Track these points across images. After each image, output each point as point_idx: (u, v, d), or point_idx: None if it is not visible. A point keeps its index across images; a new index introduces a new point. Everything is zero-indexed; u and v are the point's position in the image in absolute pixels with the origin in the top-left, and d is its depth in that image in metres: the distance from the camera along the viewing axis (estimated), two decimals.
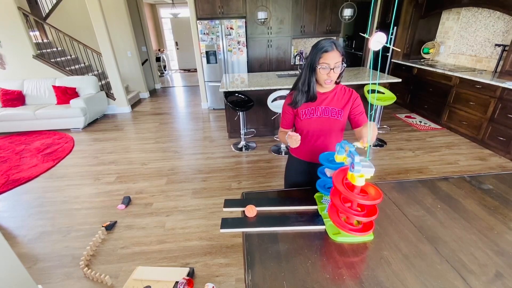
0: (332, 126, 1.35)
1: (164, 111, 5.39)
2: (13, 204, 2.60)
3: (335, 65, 1.18)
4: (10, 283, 1.41)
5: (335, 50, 1.17)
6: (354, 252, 0.99)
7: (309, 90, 1.28)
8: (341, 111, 1.32)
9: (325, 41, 1.18)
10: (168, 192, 2.67)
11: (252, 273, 0.92)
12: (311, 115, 1.33)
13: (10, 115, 4.27)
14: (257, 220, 1.16)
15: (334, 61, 1.18)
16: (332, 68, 1.18)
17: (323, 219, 1.13)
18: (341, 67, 1.21)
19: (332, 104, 1.32)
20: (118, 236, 2.12)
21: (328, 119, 1.33)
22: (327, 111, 1.32)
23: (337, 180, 1.00)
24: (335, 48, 1.17)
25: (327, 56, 1.17)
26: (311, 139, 1.40)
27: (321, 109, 1.32)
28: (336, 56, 1.18)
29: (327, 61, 1.18)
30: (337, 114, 1.32)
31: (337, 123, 1.34)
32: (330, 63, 1.18)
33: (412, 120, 4.27)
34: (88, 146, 3.84)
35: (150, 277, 1.71)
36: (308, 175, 1.49)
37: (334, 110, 1.32)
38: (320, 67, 1.20)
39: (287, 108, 1.38)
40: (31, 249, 2.03)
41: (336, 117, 1.33)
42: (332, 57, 1.17)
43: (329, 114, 1.32)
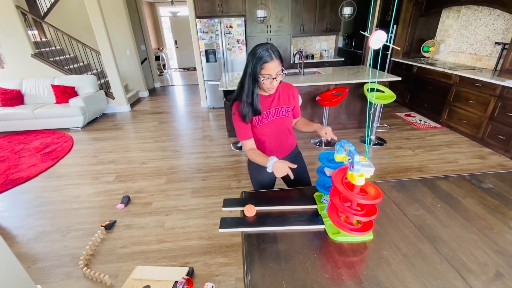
0: (285, 123, 1.40)
1: (164, 110, 5.38)
2: (12, 203, 2.59)
3: (277, 75, 1.18)
4: (9, 283, 1.40)
5: (274, 59, 1.16)
6: (353, 252, 0.99)
7: (252, 102, 1.26)
8: (289, 108, 1.38)
9: (263, 50, 1.15)
10: (168, 192, 2.67)
11: (251, 273, 0.92)
12: (265, 119, 1.34)
13: (8, 114, 4.25)
14: (256, 220, 1.16)
15: (276, 70, 1.17)
16: (275, 78, 1.19)
17: (322, 219, 1.13)
18: (282, 74, 1.22)
19: (280, 104, 1.36)
20: (118, 235, 2.11)
21: (281, 118, 1.37)
22: (278, 112, 1.36)
23: (336, 180, 0.99)
24: (274, 57, 1.16)
25: (268, 67, 1.16)
26: (271, 139, 1.42)
27: (272, 112, 1.35)
28: (276, 65, 1.17)
29: (269, 72, 1.17)
30: (286, 112, 1.37)
31: (289, 120, 1.40)
32: (271, 73, 1.17)
33: (411, 119, 4.26)
34: (87, 146, 3.84)
35: (150, 276, 1.70)
36: None
37: (283, 109, 1.36)
38: (263, 79, 1.19)
39: (240, 122, 1.32)
40: (30, 249, 2.02)
41: (287, 115, 1.38)
42: (273, 67, 1.16)
43: (281, 114, 1.36)
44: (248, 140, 1.37)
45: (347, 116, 3.87)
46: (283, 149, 1.49)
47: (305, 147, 3.46)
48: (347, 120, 3.90)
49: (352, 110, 3.83)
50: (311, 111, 3.78)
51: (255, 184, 1.57)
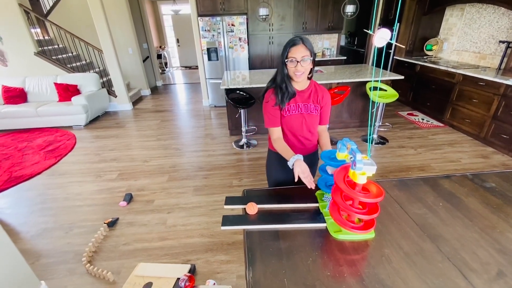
0: (313, 121, 1.42)
1: (166, 109, 5.39)
2: (15, 201, 2.61)
3: (301, 58, 1.23)
4: (13, 279, 1.42)
5: (301, 44, 1.23)
6: (355, 250, 0.99)
7: (287, 87, 1.33)
8: (317, 107, 1.40)
9: (294, 37, 1.25)
10: (170, 189, 2.68)
11: (253, 270, 0.92)
12: (294, 111, 1.38)
13: (12, 112, 4.28)
14: (258, 218, 1.16)
15: (301, 54, 1.23)
16: (299, 61, 1.23)
17: (324, 217, 1.13)
18: (309, 61, 1.26)
19: (310, 101, 1.39)
20: (120, 232, 2.13)
21: (309, 115, 1.40)
22: (307, 108, 1.39)
23: (338, 178, 0.99)
24: (302, 43, 1.23)
25: (294, 50, 1.24)
26: (294, 133, 1.45)
27: (302, 106, 1.38)
28: (302, 50, 1.23)
29: (294, 54, 1.24)
30: (315, 110, 1.40)
31: (315, 118, 1.42)
32: (296, 56, 1.23)
33: (414, 118, 4.25)
34: (90, 143, 3.85)
35: (152, 273, 1.72)
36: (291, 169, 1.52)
37: (311, 106, 1.39)
38: (288, 61, 1.26)
39: (272, 109, 1.37)
40: (34, 245, 2.04)
41: (314, 113, 1.40)
42: (299, 50, 1.23)
43: (309, 110, 1.39)
44: (276, 128, 1.42)
45: (349, 115, 3.86)
46: (304, 148, 1.50)
47: None
48: (349, 119, 3.89)
49: (354, 109, 3.82)
50: None
51: (271, 182, 1.63)
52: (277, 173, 1.58)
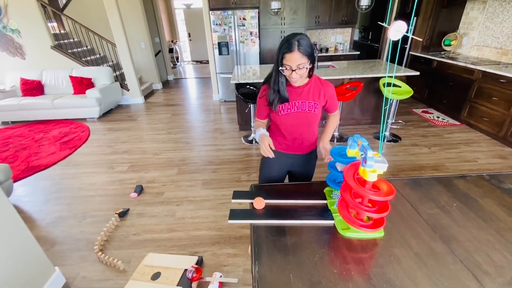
0: (309, 119, 1.35)
1: (176, 103, 5.44)
2: (32, 189, 2.72)
3: (297, 67, 1.13)
4: (30, 264, 1.48)
5: (296, 51, 1.10)
6: (363, 248, 0.97)
7: (279, 90, 1.26)
8: (317, 104, 1.32)
9: (287, 41, 1.12)
10: (179, 182, 2.72)
11: (259, 265, 0.92)
12: (289, 110, 1.32)
13: (29, 104, 4.42)
14: (265, 213, 1.16)
15: (296, 62, 1.12)
16: (294, 70, 1.14)
17: (332, 214, 1.11)
18: (306, 68, 1.16)
19: (308, 98, 1.30)
20: (131, 223, 2.18)
21: (305, 113, 1.32)
22: (304, 105, 1.31)
23: (348, 175, 0.98)
24: (297, 49, 1.10)
25: (289, 58, 1.12)
26: (290, 132, 1.40)
27: (298, 104, 1.31)
28: (297, 58, 1.11)
29: (289, 62, 1.13)
30: (313, 108, 1.31)
31: (313, 116, 1.34)
32: (291, 65, 1.13)
33: (429, 116, 4.12)
34: (103, 136, 3.95)
35: (160, 263, 1.75)
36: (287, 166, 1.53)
37: (310, 104, 1.31)
38: (283, 69, 1.17)
39: (261, 102, 1.37)
40: (49, 232, 2.12)
41: (312, 111, 1.32)
42: (294, 58, 1.12)
43: (306, 108, 1.31)
44: (261, 120, 1.43)
45: (361, 111, 3.78)
46: (301, 147, 1.45)
47: None
48: (361, 115, 3.81)
49: (367, 106, 3.73)
50: None
51: (262, 179, 1.57)
52: (268, 170, 1.54)
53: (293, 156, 1.48)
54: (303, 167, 1.54)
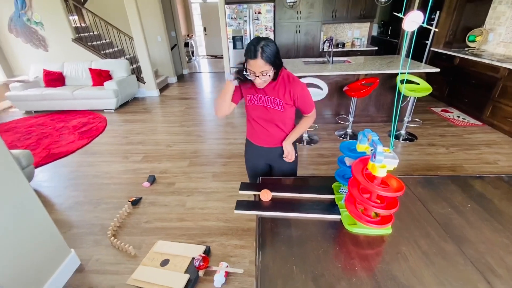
0: (273, 116, 1.33)
1: (190, 96, 5.51)
2: (52, 175, 2.85)
3: (260, 73, 1.14)
4: (48, 246, 1.57)
5: (259, 58, 1.10)
6: (369, 245, 0.96)
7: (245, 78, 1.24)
8: (281, 102, 1.29)
9: (252, 46, 1.11)
10: (190, 174, 2.77)
11: (262, 255, 0.93)
12: (255, 102, 1.33)
13: (52, 94, 4.62)
14: (271, 205, 1.16)
15: (259, 69, 1.13)
16: (258, 76, 1.15)
17: (339, 209, 1.10)
18: (269, 75, 1.17)
19: (273, 94, 1.29)
20: (143, 211, 2.25)
21: (269, 109, 1.32)
22: (268, 101, 1.30)
23: (356, 170, 0.96)
24: (260, 56, 1.10)
25: (252, 64, 1.13)
26: (258, 124, 1.41)
27: (264, 98, 1.31)
28: (260, 65, 1.12)
29: (252, 68, 1.14)
30: (277, 105, 1.29)
31: (279, 113, 1.32)
32: (255, 71, 1.14)
33: (448, 115, 3.95)
34: (119, 126, 4.07)
35: (169, 251, 1.80)
36: (264, 159, 1.52)
37: (275, 101, 1.29)
38: (247, 73, 1.17)
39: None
40: (66, 216, 2.23)
41: (276, 108, 1.30)
42: (257, 65, 1.12)
43: (270, 104, 1.30)
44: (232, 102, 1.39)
45: (376, 108, 3.69)
46: (267, 141, 1.45)
47: (328, 139, 3.37)
48: (376, 113, 3.71)
49: (382, 103, 3.63)
50: (338, 102, 3.65)
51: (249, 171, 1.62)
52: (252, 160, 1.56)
53: (264, 149, 1.48)
54: (279, 162, 1.50)
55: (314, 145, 3.23)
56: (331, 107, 3.70)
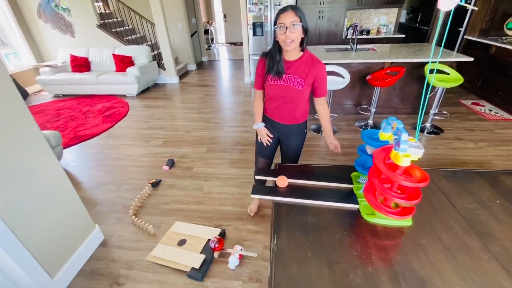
0: (293, 95, 1.40)
1: (209, 84, 5.54)
2: (78, 156, 3.01)
3: (290, 24, 1.21)
4: (76, 221, 1.67)
5: (290, 10, 1.22)
6: (387, 235, 0.94)
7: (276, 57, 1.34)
8: (303, 81, 1.35)
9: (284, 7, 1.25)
10: (208, 160, 2.82)
11: (277, 239, 0.94)
12: (276, 82, 1.39)
13: (78, 79, 4.81)
14: (288, 191, 1.16)
15: (289, 20, 1.21)
16: (288, 27, 1.21)
17: (357, 198, 1.08)
18: (299, 28, 1.23)
19: (296, 73, 1.35)
20: (162, 193, 2.34)
21: (290, 87, 1.38)
22: (290, 80, 1.36)
23: (378, 159, 0.93)
24: (291, 9, 1.22)
25: (283, 16, 1.22)
26: (275, 102, 1.49)
27: (285, 77, 1.37)
28: (291, 16, 1.21)
29: (283, 20, 1.22)
30: (298, 84, 1.36)
31: (298, 93, 1.38)
32: (285, 22, 1.22)
33: (479, 108, 3.71)
34: (140, 112, 4.19)
35: (186, 232, 1.87)
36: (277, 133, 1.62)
37: (297, 80, 1.35)
38: (277, 27, 1.25)
39: (259, 72, 1.47)
40: (91, 195, 2.36)
41: (297, 87, 1.37)
42: (287, 16, 1.22)
43: (291, 83, 1.36)
44: (258, 90, 1.55)
45: (400, 100, 3.53)
46: (282, 118, 1.54)
47: (347, 130, 3.29)
48: (400, 104, 3.56)
49: (407, 94, 3.46)
50: (360, 91, 3.52)
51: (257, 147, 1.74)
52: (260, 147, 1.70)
53: (277, 124, 1.57)
54: (288, 139, 1.63)
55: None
56: (352, 97, 3.58)
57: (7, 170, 1.25)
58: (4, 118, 1.24)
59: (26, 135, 1.35)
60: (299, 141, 1.65)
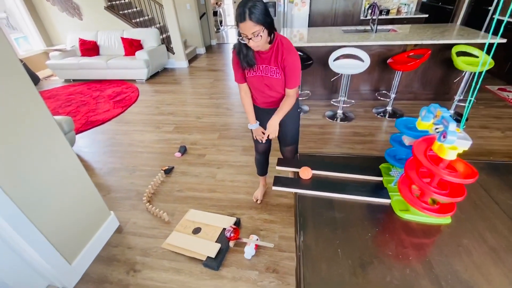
0: (271, 82, 1.36)
1: (219, 68, 5.40)
2: (91, 141, 3.00)
3: (251, 35, 1.13)
4: (91, 207, 1.66)
5: (246, 21, 1.09)
6: (424, 234, 0.87)
7: (246, 55, 1.28)
8: (278, 69, 1.31)
9: (240, 9, 1.10)
10: (220, 147, 2.76)
11: (304, 235, 0.88)
12: (253, 73, 1.36)
13: (87, 63, 4.76)
14: (311, 183, 1.09)
15: (250, 31, 1.12)
16: (250, 38, 1.14)
17: (388, 192, 1.00)
18: (260, 36, 1.14)
19: (270, 63, 1.30)
20: (175, 180, 2.31)
21: (268, 78, 1.34)
22: (266, 70, 1.33)
23: (418, 150, 0.84)
24: (248, 18, 1.09)
25: (242, 27, 1.13)
26: (259, 92, 1.45)
27: (262, 68, 1.33)
28: (250, 26, 1.10)
29: (243, 31, 1.14)
30: (274, 73, 1.32)
31: (276, 80, 1.35)
32: (246, 33, 1.14)
33: (507, 94, 3.48)
34: (150, 97, 4.13)
35: (201, 220, 1.84)
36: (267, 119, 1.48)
37: (272, 69, 1.31)
38: (240, 37, 1.18)
39: (235, 67, 1.40)
40: (105, 181, 2.36)
41: (274, 76, 1.33)
42: (246, 28, 1.12)
43: (268, 73, 1.33)
44: (241, 84, 1.47)
45: (421, 85, 3.33)
46: (269, 104, 1.51)
47: (365, 116, 3.15)
48: (421, 89, 3.37)
49: (430, 79, 3.27)
50: (379, 76, 3.34)
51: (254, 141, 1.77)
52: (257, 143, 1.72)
53: (266, 110, 1.53)
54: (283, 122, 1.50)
55: (349, 123, 3.04)
56: (370, 82, 3.41)
57: (21, 158, 1.22)
58: (15, 104, 1.20)
59: (39, 121, 1.31)
60: (293, 122, 1.60)
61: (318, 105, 3.50)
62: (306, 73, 3.40)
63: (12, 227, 1.17)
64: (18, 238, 1.21)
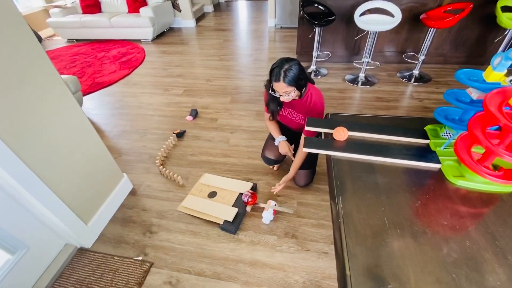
0: (298, 126, 1.51)
1: (228, 28, 5.04)
2: (98, 103, 2.90)
3: (283, 93, 1.24)
4: (104, 168, 1.60)
5: (280, 82, 1.19)
6: (483, 202, 0.76)
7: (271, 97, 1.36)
8: (302, 116, 1.44)
9: (276, 69, 1.19)
10: (232, 111, 2.62)
11: (343, 201, 0.78)
12: (282, 112, 1.51)
13: (90, 21, 4.47)
14: (347, 145, 0.97)
15: (282, 90, 1.22)
16: (282, 95, 1.25)
17: (438, 157, 0.88)
18: (291, 96, 1.26)
19: (296, 109, 1.44)
20: (187, 144, 2.22)
21: (292, 120, 1.50)
22: (292, 114, 1.48)
23: (492, 104, 0.69)
24: (282, 80, 1.18)
25: (276, 86, 1.23)
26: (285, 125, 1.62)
27: (288, 111, 1.49)
28: (283, 87, 1.20)
29: (275, 88, 1.24)
30: (299, 118, 1.46)
31: (301, 124, 1.47)
32: (278, 91, 1.24)
33: None
34: (157, 58, 3.91)
35: (216, 184, 1.78)
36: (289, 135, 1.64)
37: (299, 116, 1.45)
38: (273, 92, 1.27)
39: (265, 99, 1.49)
40: (115, 143, 2.29)
41: (299, 121, 1.47)
42: (279, 87, 1.22)
43: (294, 117, 1.48)
44: (267, 114, 1.60)
45: (453, 46, 3.02)
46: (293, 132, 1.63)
47: (388, 81, 2.92)
48: (453, 51, 3.06)
49: (464, 39, 2.94)
50: (407, 35, 3.02)
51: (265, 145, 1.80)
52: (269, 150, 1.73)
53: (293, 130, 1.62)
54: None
55: (371, 87, 2.83)
56: (396, 42, 3.10)
57: (32, 119, 1.14)
58: (20, 58, 1.07)
59: (47, 80, 1.20)
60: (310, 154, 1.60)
61: (338, 67, 3.25)
62: (326, 31, 3.10)
63: (22, 186, 1.11)
64: (30, 197, 1.16)
